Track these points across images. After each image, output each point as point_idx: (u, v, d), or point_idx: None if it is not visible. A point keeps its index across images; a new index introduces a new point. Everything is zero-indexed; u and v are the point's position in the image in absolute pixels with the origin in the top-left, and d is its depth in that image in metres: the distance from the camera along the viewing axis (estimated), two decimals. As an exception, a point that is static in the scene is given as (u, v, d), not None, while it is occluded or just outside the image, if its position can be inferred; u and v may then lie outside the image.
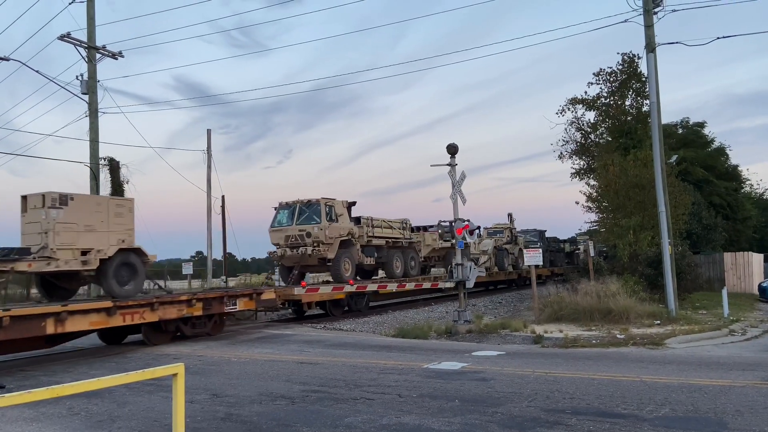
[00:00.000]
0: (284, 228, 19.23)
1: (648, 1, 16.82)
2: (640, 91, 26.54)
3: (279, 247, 19.42)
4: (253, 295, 15.70)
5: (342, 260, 19.01)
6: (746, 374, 8.55)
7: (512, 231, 33.08)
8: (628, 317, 15.23)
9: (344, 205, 19.92)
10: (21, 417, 6.85)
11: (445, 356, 10.77)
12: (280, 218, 19.73)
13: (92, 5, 20.38)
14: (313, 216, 18.91)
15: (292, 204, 19.55)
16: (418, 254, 24.01)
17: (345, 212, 19.81)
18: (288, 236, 19.01)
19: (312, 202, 19.09)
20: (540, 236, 36.48)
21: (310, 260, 18.86)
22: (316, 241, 18.51)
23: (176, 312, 13.17)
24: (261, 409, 6.94)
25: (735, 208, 38.29)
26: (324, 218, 18.60)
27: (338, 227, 19.13)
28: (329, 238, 18.56)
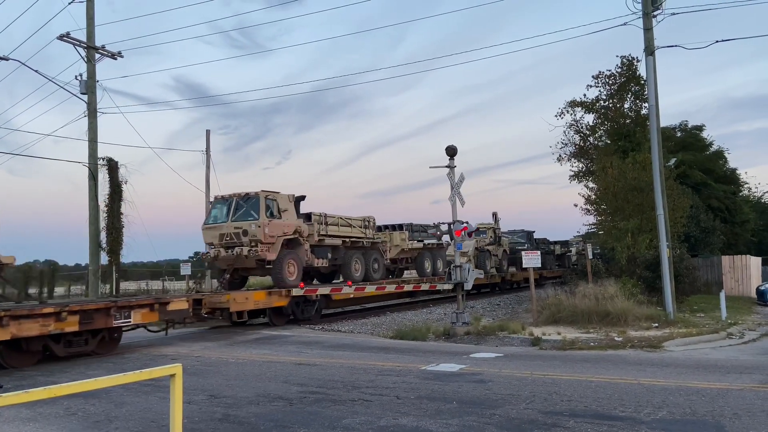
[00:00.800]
0: (218, 225, 17.00)
1: (647, 4, 16.85)
2: (639, 94, 26.58)
3: (213, 247, 17.20)
4: (154, 305, 12.89)
5: (285, 262, 16.81)
6: (744, 377, 8.56)
7: (496, 231, 31.35)
8: (626, 320, 15.24)
9: (290, 199, 17.56)
10: (18, 417, 6.84)
11: (443, 358, 10.76)
12: (215, 214, 17.49)
13: (92, 5, 20.39)
14: (251, 211, 16.56)
15: (228, 198, 17.19)
16: (383, 256, 21.95)
17: (291, 207, 17.51)
18: (222, 234, 16.80)
19: (250, 196, 16.73)
20: (528, 237, 34.92)
21: (246, 262, 16.60)
22: (254, 239, 16.30)
23: (39, 328, 10.72)
24: (258, 410, 6.93)
25: (733, 212, 38.35)
26: (263, 214, 16.33)
27: (281, 224, 16.90)
28: (269, 236, 16.40)
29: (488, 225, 31.62)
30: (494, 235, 31.03)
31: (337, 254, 19.57)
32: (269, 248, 16.55)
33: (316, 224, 18.64)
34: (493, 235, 31.03)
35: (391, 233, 23.74)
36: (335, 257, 19.45)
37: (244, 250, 16.32)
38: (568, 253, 40.70)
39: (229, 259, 16.78)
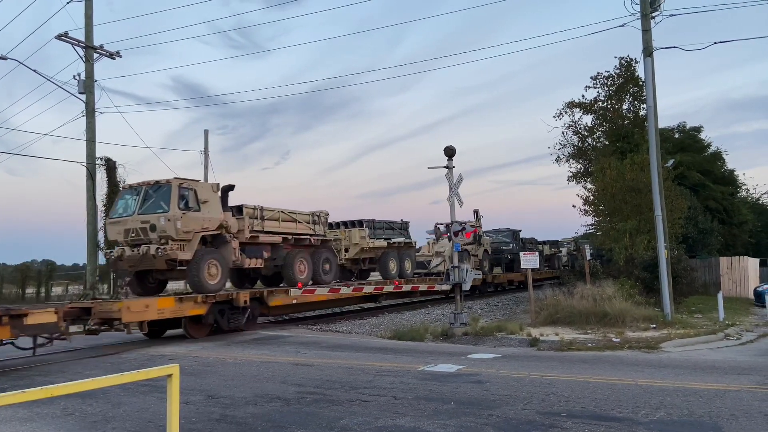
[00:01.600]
0: (124, 219, 14.34)
1: (646, 5, 16.89)
2: (637, 95, 26.68)
3: (118, 245, 14.66)
4: (2, 318, 10.19)
5: (204, 263, 14.22)
6: (741, 378, 8.57)
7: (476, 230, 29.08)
8: (624, 321, 15.27)
9: (214, 189, 15.07)
10: (15, 417, 6.83)
11: (441, 358, 10.76)
12: (121, 206, 14.82)
13: (90, 5, 20.38)
14: (161, 202, 14.02)
15: (137, 187, 14.65)
16: (336, 255, 19.64)
17: (215, 198, 14.99)
18: (128, 230, 14.17)
19: (161, 184, 14.22)
20: (513, 237, 32.96)
21: (155, 262, 13.79)
22: (163, 236, 13.73)
23: None
24: (256, 411, 6.93)
25: (731, 213, 38.43)
26: (175, 205, 13.79)
27: (199, 218, 14.32)
28: (183, 232, 13.87)
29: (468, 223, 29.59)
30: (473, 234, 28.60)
31: (277, 253, 17.04)
32: (183, 246, 13.96)
33: (248, 218, 16.09)
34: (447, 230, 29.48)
35: (349, 230, 21.44)
36: (274, 257, 16.95)
37: (151, 248, 13.70)
38: (558, 253, 39.57)
39: (133, 259, 14.03)
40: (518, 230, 33.70)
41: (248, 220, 16.10)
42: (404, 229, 23.49)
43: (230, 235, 15.35)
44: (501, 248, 31.55)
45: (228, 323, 15.05)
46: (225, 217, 15.16)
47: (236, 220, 15.68)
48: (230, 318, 15.15)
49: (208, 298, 14.29)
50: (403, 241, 22.85)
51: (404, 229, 23.51)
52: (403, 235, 23.20)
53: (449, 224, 16.94)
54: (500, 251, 31.31)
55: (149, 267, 14.19)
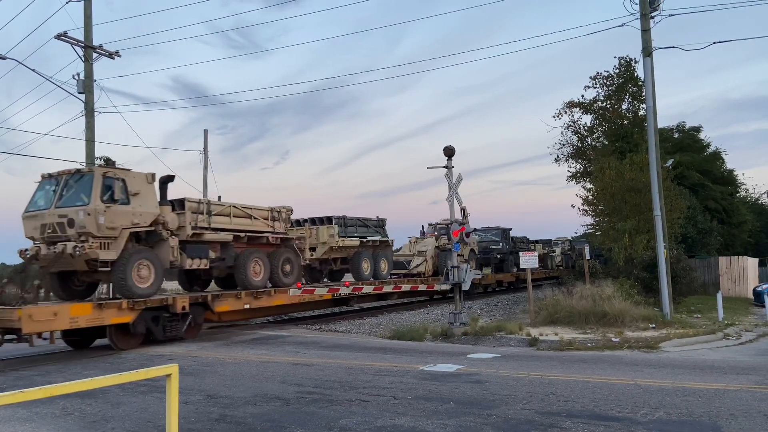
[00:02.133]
0: (41, 213, 12.62)
1: (645, 5, 16.90)
2: (636, 95, 26.70)
3: (34, 242, 12.96)
4: None
5: (132, 263, 12.59)
6: (741, 378, 8.58)
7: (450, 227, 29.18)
8: (623, 320, 15.28)
9: (149, 179, 13.30)
10: (14, 417, 6.82)
11: (441, 358, 10.76)
12: (38, 198, 13.06)
13: (89, 4, 20.35)
14: (81, 194, 12.27)
15: (57, 176, 12.94)
16: (299, 255, 17.53)
17: (150, 191, 13.34)
18: (44, 225, 12.48)
19: (82, 173, 12.62)
20: (503, 235, 31.56)
21: (75, 262, 12.25)
22: (83, 232, 11.95)
23: None
24: (255, 411, 6.93)
25: (730, 213, 38.49)
26: (98, 197, 12.05)
27: (127, 212, 12.62)
28: (107, 228, 12.17)
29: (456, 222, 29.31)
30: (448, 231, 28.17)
31: (227, 253, 15.25)
32: (106, 244, 12.25)
33: (190, 214, 14.26)
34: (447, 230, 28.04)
35: (316, 228, 19.80)
36: (223, 257, 15.16)
37: (68, 246, 11.98)
38: (551, 253, 38.59)
39: (49, 258, 12.36)
40: (509, 229, 32.41)
41: (191, 216, 14.27)
42: (380, 227, 22.00)
43: (168, 233, 13.65)
44: (490, 247, 30.31)
45: (164, 332, 13.34)
46: (162, 212, 13.50)
47: (176, 216, 13.97)
48: (167, 326, 13.41)
49: (137, 304, 12.52)
50: (378, 239, 21.42)
51: (380, 226, 22.02)
52: (378, 233, 21.68)
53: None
54: (489, 251, 30.16)
55: (67, 267, 12.72)
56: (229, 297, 14.96)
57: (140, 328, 12.81)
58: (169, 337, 13.46)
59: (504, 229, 31.90)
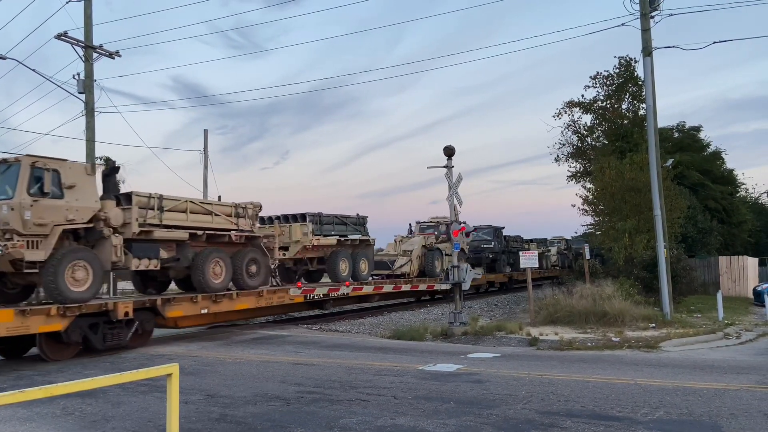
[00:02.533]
0: None
1: (645, 5, 16.90)
2: (636, 95, 26.68)
3: None
4: None
5: (65, 264, 11.16)
6: (741, 377, 8.58)
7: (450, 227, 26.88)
8: (623, 320, 15.28)
9: (88, 171, 12.11)
10: (15, 416, 6.82)
11: (441, 358, 10.77)
12: None
13: (89, 4, 20.36)
14: (6, 186, 10.99)
15: None
16: (267, 255, 16.00)
17: (88, 183, 12.05)
18: None
19: (9, 163, 11.25)
20: (495, 234, 30.15)
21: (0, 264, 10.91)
22: (6, 229, 10.71)
23: None
24: (256, 410, 6.93)
25: (730, 212, 38.46)
26: (24, 190, 10.81)
27: (60, 207, 11.31)
28: (35, 224, 10.86)
29: (442, 219, 26.55)
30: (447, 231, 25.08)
31: (183, 252, 13.82)
32: (35, 243, 10.98)
33: (137, 209, 12.80)
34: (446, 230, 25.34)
35: (289, 226, 18.27)
36: (178, 257, 13.77)
37: None
38: (546, 252, 37.21)
39: None
40: (501, 227, 31.09)
41: (138, 211, 12.83)
42: (360, 225, 20.69)
43: (110, 230, 12.28)
44: (481, 247, 28.86)
45: (104, 341, 11.85)
46: (104, 207, 12.23)
47: (121, 211, 12.60)
48: (107, 334, 11.94)
49: (69, 310, 11.09)
50: (358, 238, 20.05)
51: (360, 224, 20.70)
52: (358, 231, 20.36)
53: (448, 224, 16.95)
54: (480, 250, 28.70)
55: None
56: (183, 301, 13.48)
57: (75, 336, 11.39)
58: (110, 346, 11.97)
59: (496, 228, 30.69)
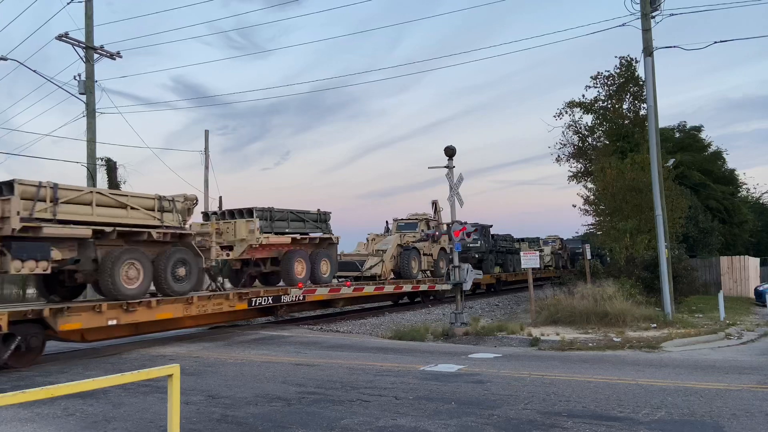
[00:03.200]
0: None
1: (646, 5, 16.89)
2: (637, 95, 26.67)
3: None
4: None
5: None
6: (742, 378, 8.57)
7: (429, 223, 23.84)
8: (625, 320, 15.27)
9: None
10: (16, 417, 6.83)
11: (442, 358, 10.76)
12: None
13: (90, 5, 20.38)
14: None
15: None
16: (201, 256, 13.80)
17: None
18: None
19: None
20: (482, 232, 28.19)
21: None
22: None
23: None
24: (257, 411, 6.93)
25: (732, 212, 38.43)
26: None
27: None
28: None
29: (421, 216, 24.26)
30: (427, 229, 23.50)
31: (85, 253, 11.80)
32: None
33: (20, 201, 10.69)
34: (426, 228, 23.54)
35: (233, 222, 16.18)
36: (78, 257, 11.78)
37: None
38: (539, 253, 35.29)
39: None
40: (488, 225, 29.51)
41: (22, 204, 10.70)
42: (322, 222, 18.45)
43: None
44: (467, 246, 26.15)
45: None
46: None
47: None
48: None
49: None
50: (318, 237, 17.98)
51: (322, 221, 18.44)
52: (319, 228, 18.25)
53: (449, 224, 16.92)
54: (465, 249, 26.26)
55: None
56: (83, 311, 11.35)
57: None
58: None
59: (483, 226, 28.73)
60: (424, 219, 24.12)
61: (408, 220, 24.40)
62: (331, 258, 18.51)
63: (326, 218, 18.76)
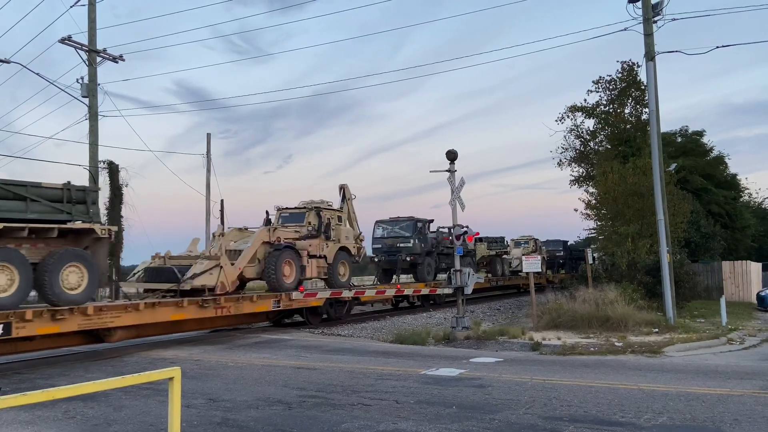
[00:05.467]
0: None
1: (648, 10, 16.91)
2: (639, 100, 26.66)
3: None
4: None
5: None
6: (744, 383, 8.54)
7: (321, 215, 18.18)
8: (626, 325, 15.23)
9: None
10: (17, 420, 6.82)
11: (443, 362, 10.74)
12: None
13: (93, 8, 20.44)
14: None
15: None
16: None
17: None
18: None
19: None
20: (415, 229, 23.48)
21: None
22: None
23: None
24: (257, 414, 6.92)
25: (734, 217, 38.37)
26: None
27: None
28: None
29: (316, 204, 18.59)
30: (318, 222, 17.83)
31: None
32: None
33: None
34: (317, 221, 17.85)
35: None
36: None
37: None
38: (503, 255, 31.64)
39: None
40: (427, 220, 24.21)
41: None
42: (76, 202, 11.57)
43: None
44: (397, 246, 22.88)
45: None
46: None
47: None
48: None
49: None
50: (56, 227, 11.02)
51: (76, 201, 11.57)
52: (64, 213, 11.35)
53: (451, 228, 16.91)
54: (395, 251, 22.78)
55: None
56: None
57: None
58: None
59: (418, 221, 23.62)
60: (315, 208, 18.11)
61: (295, 209, 18.45)
62: (91, 263, 11.39)
63: (82, 197, 11.68)
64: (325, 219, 18.09)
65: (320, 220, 17.90)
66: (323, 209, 18.32)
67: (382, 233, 23.75)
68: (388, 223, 23.89)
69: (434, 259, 24.39)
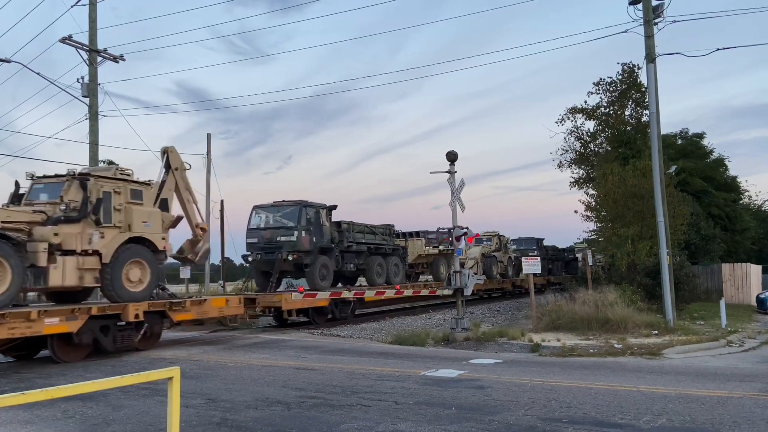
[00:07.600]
0: None
1: (648, 11, 16.92)
2: (639, 101, 26.67)
3: None
4: None
5: None
6: (744, 385, 8.53)
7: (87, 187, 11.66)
8: (626, 327, 15.23)
9: None
10: (15, 419, 6.82)
11: (443, 364, 10.74)
12: None
13: (94, 8, 20.44)
14: None
15: None
16: None
17: None
18: None
19: None
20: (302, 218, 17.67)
21: None
22: None
23: None
24: (257, 415, 6.91)
25: (733, 220, 38.40)
26: None
27: None
28: None
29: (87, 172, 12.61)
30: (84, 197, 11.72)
31: None
32: None
33: None
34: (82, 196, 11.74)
35: None
36: None
37: None
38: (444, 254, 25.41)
39: None
40: (328, 206, 18.95)
41: None
42: None
43: None
44: (277, 240, 17.72)
45: None
46: None
47: None
48: None
49: None
50: None
51: None
52: None
53: (450, 229, 16.91)
54: (273, 248, 17.62)
55: None
56: None
57: None
58: None
59: (308, 205, 17.92)
60: (79, 176, 12.02)
61: (54, 178, 12.22)
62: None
63: None
64: (96, 193, 11.91)
65: (86, 194, 11.69)
66: (94, 177, 12.13)
67: (259, 222, 18.01)
68: (269, 209, 17.96)
69: (335, 260, 18.77)
